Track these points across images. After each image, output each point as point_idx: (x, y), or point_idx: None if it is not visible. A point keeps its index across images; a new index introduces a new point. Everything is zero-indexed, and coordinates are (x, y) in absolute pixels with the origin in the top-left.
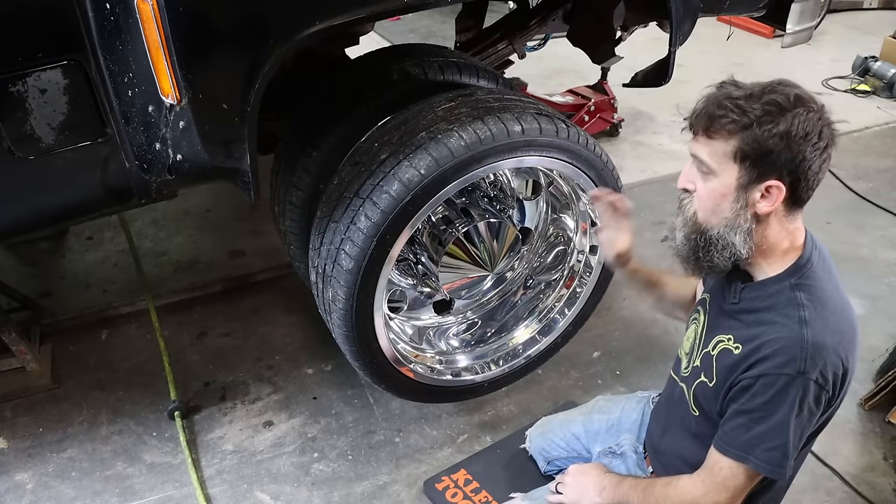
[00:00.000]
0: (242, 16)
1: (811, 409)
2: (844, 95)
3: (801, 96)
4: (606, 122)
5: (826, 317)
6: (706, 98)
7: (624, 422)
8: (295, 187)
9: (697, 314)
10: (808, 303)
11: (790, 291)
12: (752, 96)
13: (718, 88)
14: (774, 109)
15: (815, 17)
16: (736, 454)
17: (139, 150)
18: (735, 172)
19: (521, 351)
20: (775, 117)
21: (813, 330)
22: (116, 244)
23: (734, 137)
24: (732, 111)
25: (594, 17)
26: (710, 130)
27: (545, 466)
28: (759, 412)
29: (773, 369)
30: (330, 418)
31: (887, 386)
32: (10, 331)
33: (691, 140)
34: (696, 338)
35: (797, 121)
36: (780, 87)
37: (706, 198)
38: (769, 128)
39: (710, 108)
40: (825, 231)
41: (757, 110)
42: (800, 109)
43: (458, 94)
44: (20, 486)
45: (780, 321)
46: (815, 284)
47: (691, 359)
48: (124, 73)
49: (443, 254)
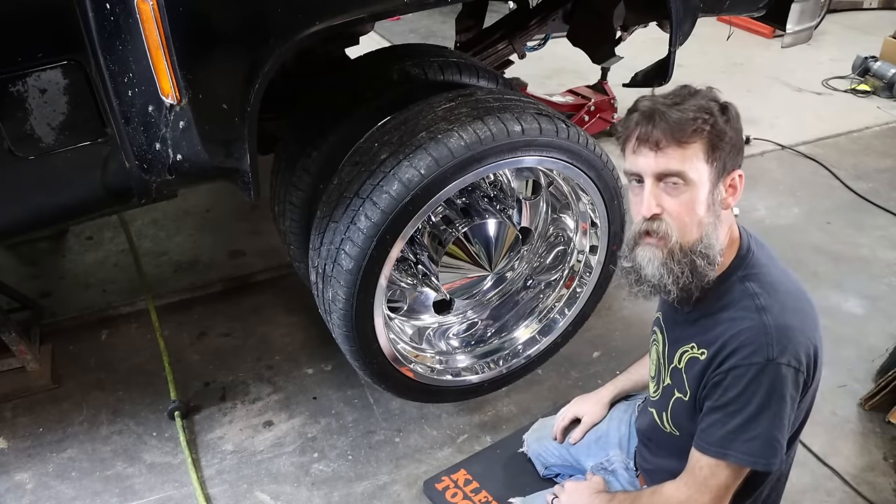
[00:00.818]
0: (242, 16)
1: (791, 395)
2: (844, 95)
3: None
4: (606, 122)
5: (781, 300)
6: (646, 113)
7: (612, 435)
8: (295, 187)
9: (655, 334)
10: (761, 290)
11: (740, 284)
12: (687, 98)
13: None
14: (718, 101)
15: (815, 17)
16: (714, 451)
17: (139, 150)
18: (707, 173)
19: (521, 351)
20: (726, 108)
21: (772, 314)
22: (116, 244)
23: (703, 135)
24: (693, 111)
25: (594, 17)
26: (679, 135)
27: (543, 470)
28: (733, 405)
29: (741, 361)
30: (330, 418)
31: (887, 386)
32: (10, 331)
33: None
34: (659, 358)
35: (733, 110)
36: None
37: (684, 212)
38: (727, 118)
39: (668, 116)
40: (825, 231)
41: (711, 104)
42: (724, 101)
43: (458, 94)
44: (20, 486)
45: (739, 315)
46: (761, 271)
47: (659, 381)
48: (124, 73)
49: (443, 254)
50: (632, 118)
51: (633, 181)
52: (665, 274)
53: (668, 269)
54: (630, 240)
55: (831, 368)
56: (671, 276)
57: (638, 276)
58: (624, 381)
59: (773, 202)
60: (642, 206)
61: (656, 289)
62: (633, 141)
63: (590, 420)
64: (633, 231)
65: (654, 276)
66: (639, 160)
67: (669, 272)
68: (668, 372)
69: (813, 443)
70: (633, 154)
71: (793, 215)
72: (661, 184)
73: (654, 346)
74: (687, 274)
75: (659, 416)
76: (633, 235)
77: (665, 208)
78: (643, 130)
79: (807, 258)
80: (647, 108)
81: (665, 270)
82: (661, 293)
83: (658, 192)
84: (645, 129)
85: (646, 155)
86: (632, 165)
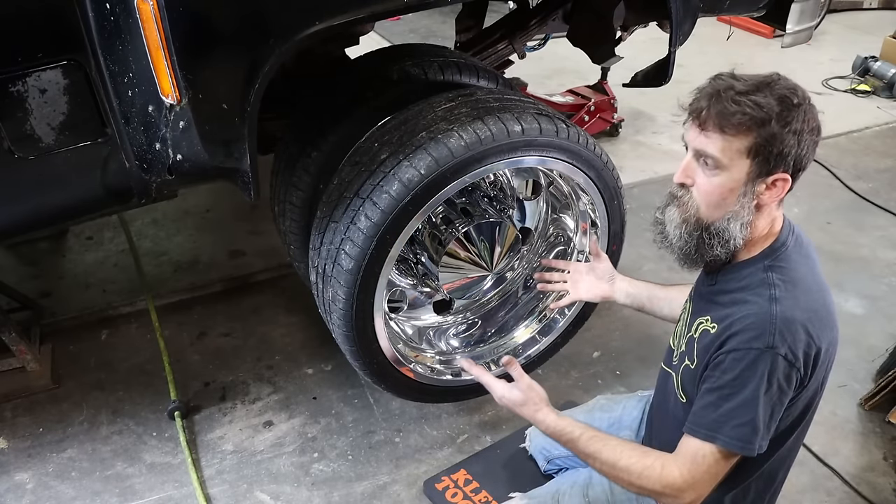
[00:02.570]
0: (242, 16)
1: (781, 387)
2: (844, 95)
3: (803, 91)
4: (606, 122)
5: (797, 296)
6: (711, 91)
7: (625, 419)
8: (295, 187)
9: (686, 303)
10: (780, 282)
11: (763, 273)
12: (760, 90)
13: (716, 80)
14: (788, 105)
15: (815, 17)
16: (704, 434)
17: (139, 150)
18: (746, 167)
19: (521, 351)
20: (791, 112)
21: (782, 306)
22: (116, 244)
23: (751, 134)
24: (749, 107)
25: (594, 17)
26: (725, 126)
27: (545, 465)
28: (728, 388)
29: (741, 344)
30: (330, 418)
31: (887, 386)
32: (10, 331)
33: (695, 134)
34: (683, 325)
35: (808, 116)
36: (780, 80)
37: (711, 192)
38: (785, 124)
39: (724, 103)
40: (825, 231)
41: (774, 106)
42: (805, 105)
43: (458, 94)
44: (20, 486)
45: (752, 299)
46: (789, 266)
47: (678, 345)
48: (124, 73)
49: (443, 254)
50: (703, 89)
51: (683, 144)
52: (677, 236)
53: (679, 233)
54: (666, 196)
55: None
56: (679, 241)
57: (663, 231)
58: (643, 287)
59: None
60: (677, 172)
61: (671, 247)
62: (689, 112)
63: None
64: (668, 191)
65: (671, 235)
66: (688, 132)
67: (679, 237)
68: (685, 340)
69: (813, 443)
70: (686, 124)
71: (793, 215)
72: (700, 160)
73: (682, 315)
74: (693, 244)
75: (675, 380)
76: (667, 194)
77: (696, 182)
78: (699, 106)
79: None
80: (715, 86)
81: (678, 233)
82: (672, 252)
83: (693, 166)
84: (700, 106)
85: (693, 130)
86: (684, 132)
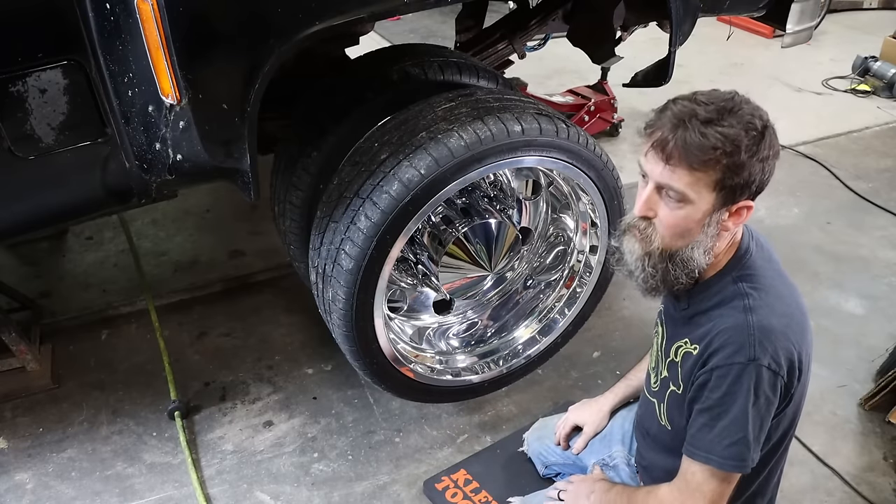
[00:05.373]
0: (242, 16)
1: (768, 398)
2: (844, 95)
3: (763, 112)
4: (606, 122)
5: (771, 303)
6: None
7: (615, 432)
8: (295, 187)
9: (657, 327)
10: (752, 291)
11: (733, 284)
12: (723, 118)
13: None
14: (754, 132)
15: (815, 17)
16: (702, 456)
17: (139, 150)
18: (712, 199)
19: (521, 351)
20: (758, 141)
21: (758, 315)
22: (116, 244)
23: (719, 167)
24: (719, 140)
25: (594, 17)
26: (693, 162)
27: (543, 470)
28: (718, 407)
29: (724, 360)
30: (330, 418)
31: (887, 386)
32: (10, 331)
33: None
34: (659, 350)
35: (772, 140)
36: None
37: (675, 225)
38: (752, 154)
39: (690, 134)
40: (825, 231)
41: (743, 138)
42: (769, 128)
43: (458, 94)
44: (20, 486)
45: (727, 313)
46: (757, 273)
47: (658, 372)
48: (124, 73)
49: (443, 254)
50: (663, 116)
51: (641, 174)
52: (639, 268)
53: (642, 266)
54: (623, 224)
55: (831, 368)
56: (642, 274)
57: (620, 258)
58: (623, 388)
59: (774, 202)
60: (638, 204)
61: (631, 276)
62: (651, 140)
63: (591, 430)
64: (627, 219)
65: (630, 266)
66: (648, 162)
67: (642, 270)
68: (665, 365)
69: (813, 443)
70: (646, 153)
71: (793, 215)
72: (662, 192)
73: (655, 339)
74: (658, 278)
75: (658, 408)
76: (626, 223)
77: (658, 214)
78: (662, 136)
79: (807, 258)
80: (678, 113)
81: (640, 265)
82: (632, 281)
83: (655, 199)
84: (664, 137)
85: (655, 161)
86: (643, 161)
